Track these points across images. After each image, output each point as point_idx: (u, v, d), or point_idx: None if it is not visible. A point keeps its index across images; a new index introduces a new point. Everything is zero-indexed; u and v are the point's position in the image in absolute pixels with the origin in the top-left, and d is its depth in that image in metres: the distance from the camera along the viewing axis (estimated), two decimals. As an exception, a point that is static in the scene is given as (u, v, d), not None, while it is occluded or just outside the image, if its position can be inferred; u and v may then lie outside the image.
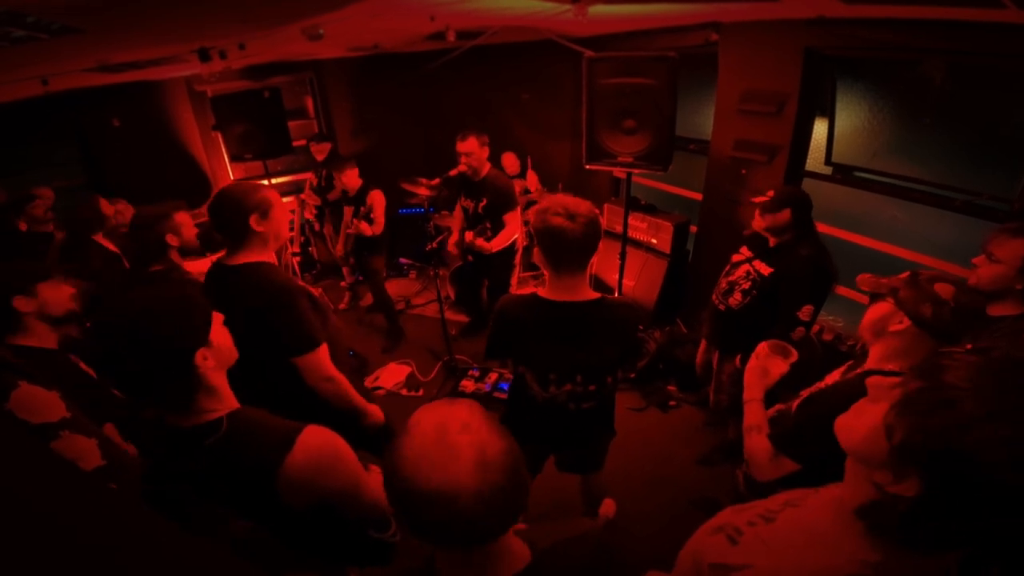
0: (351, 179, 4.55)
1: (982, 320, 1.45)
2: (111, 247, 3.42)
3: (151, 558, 0.61)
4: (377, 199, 4.54)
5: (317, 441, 1.30)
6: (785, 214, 2.60)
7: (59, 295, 1.97)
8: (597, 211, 1.82)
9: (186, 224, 2.72)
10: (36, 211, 3.72)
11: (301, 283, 2.07)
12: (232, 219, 1.94)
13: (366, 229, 4.46)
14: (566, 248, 1.76)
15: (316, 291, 2.21)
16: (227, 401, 1.31)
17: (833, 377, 1.81)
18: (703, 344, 3.33)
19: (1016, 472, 0.70)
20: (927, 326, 1.42)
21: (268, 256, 2.05)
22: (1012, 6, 1.88)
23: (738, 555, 1.01)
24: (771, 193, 2.66)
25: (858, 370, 1.67)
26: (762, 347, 1.85)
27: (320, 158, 5.39)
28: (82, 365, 2.01)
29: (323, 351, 2.00)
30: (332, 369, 2.04)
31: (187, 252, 2.76)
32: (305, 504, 1.31)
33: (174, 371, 1.20)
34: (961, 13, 2.41)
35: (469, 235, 3.94)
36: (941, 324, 1.41)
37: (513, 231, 3.97)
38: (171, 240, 2.64)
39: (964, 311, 1.41)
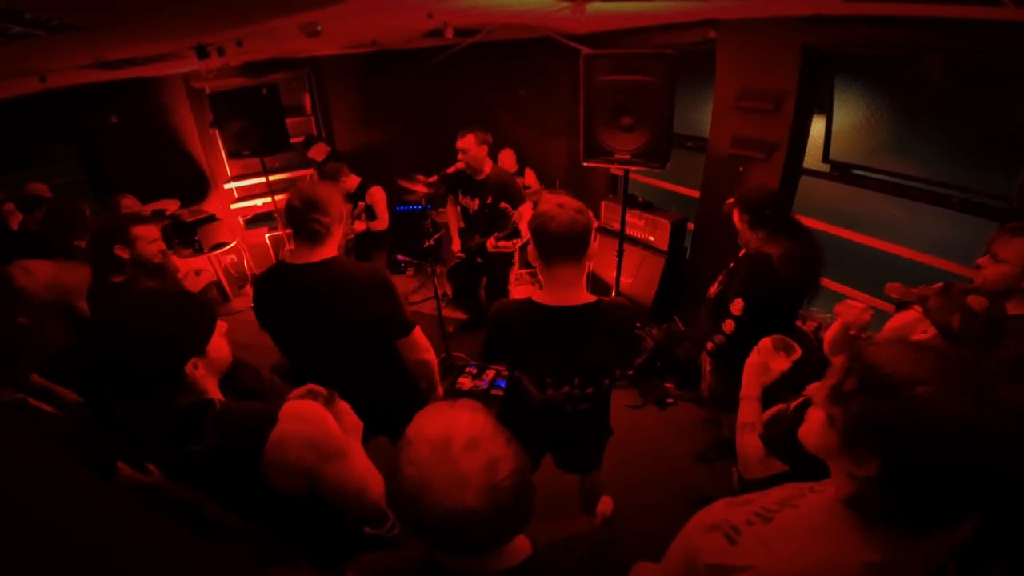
0: (350, 184, 4.57)
1: (1005, 330, 1.45)
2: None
3: (151, 558, 0.62)
4: (377, 195, 4.54)
5: (299, 412, 1.29)
6: (735, 218, 2.62)
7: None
8: (589, 211, 1.81)
9: (143, 238, 2.59)
10: (39, 214, 3.70)
11: None
12: (316, 220, 2.00)
13: (359, 226, 4.46)
14: (555, 234, 1.74)
15: None
16: (212, 396, 1.30)
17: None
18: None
19: (948, 421, 0.75)
20: (953, 337, 1.43)
21: (336, 251, 2.14)
22: (1010, 4, 1.88)
23: (737, 555, 1.02)
24: (731, 200, 2.69)
25: None
26: (764, 343, 1.81)
27: (320, 158, 5.39)
28: None
29: (419, 328, 2.21)
30: (428, 344, 2.29)
31: (146, 267, 2.62)
32: (296, 485, 1.30)
33: (160, 376, 1.21)
34: (959, 11, 2.41)
35: (491, 241, 3.94)
36: (968, 336, 1.41)
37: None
38: (120, 252, 2.51)
39: (993, 324, 1.41)
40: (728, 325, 2.57)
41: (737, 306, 2.54)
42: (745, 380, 1.80)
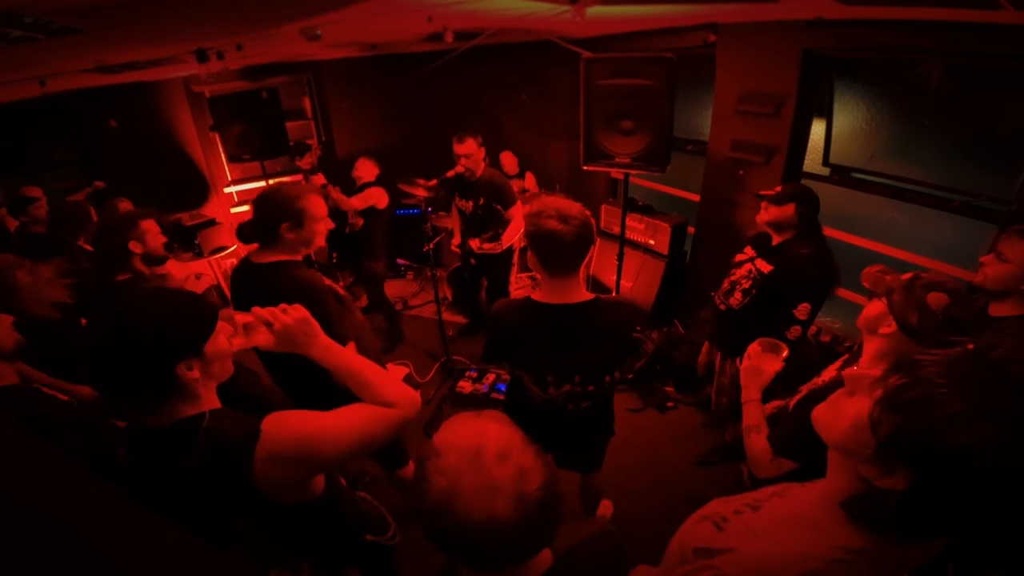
0: (368, 170, 4.58)
1: (969, 328, 1.43)
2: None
3: (151, 558, 0.61)
4: (373, 192, 4.50)
5: (279, 425, 1.23)
6: (789, 209, 2.60)
7: None
8: (588, 213, 1.81)
9: (151, 232, 2.69)
10: (39, 212, 3.69)
11: (328, 281, 2.16)
12: (267, 222, 2.05)
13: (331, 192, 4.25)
14: (560, 252, 1.76)
15: (340, 289, 2.27)
16: (205, 404, 1.24)
17: (829, 373, 1.82)
18: (706, 344, 3.33)
19: (1005, 468, 0.72)
20: (912, 333, 1.43)
21: (294, 257, 2.14)
22: (1008, 7, 1.89)
23: (723, 539, 1.04)
24: (779, 188, 2.67)
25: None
26: (753, 347, 1.85)
27: (307, 168, 5.36)
28: None
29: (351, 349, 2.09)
30: None
31: (152, 260, 2.73)
32: (296, 493, 1.28)
33: (148, 377, 1.15)
34: (958, 14, 2.42)
35: (476, 242, 3.95)
36: (926, 334, 1.40)
37: (519, 225, 3.97)
38: (134, 248, 2.61)
39: (952, 323, 1.39)
40: (795, 331, 2.54)
41: (804, 310, 2.52)
42: (743, 385, 1.83)
